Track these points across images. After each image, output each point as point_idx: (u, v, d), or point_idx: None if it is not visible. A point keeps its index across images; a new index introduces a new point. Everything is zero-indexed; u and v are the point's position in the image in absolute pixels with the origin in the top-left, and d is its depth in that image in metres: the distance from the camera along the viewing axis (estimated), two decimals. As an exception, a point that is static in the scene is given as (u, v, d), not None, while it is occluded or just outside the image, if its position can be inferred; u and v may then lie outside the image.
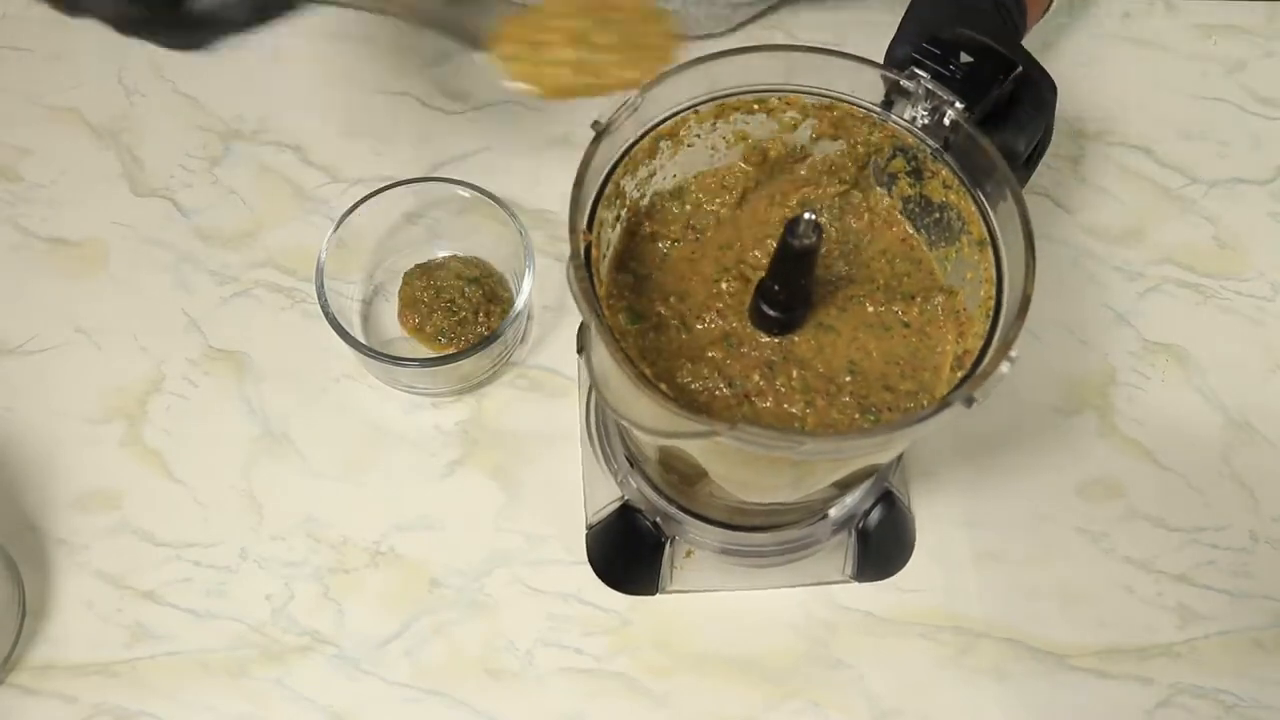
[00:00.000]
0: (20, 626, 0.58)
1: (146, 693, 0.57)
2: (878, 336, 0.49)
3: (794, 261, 0.44)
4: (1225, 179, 0.74)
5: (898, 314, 0.49)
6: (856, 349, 0.49)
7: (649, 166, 0.50)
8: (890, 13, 0.61)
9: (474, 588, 0.60)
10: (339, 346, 0.61)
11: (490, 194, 0.63)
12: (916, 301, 0.50)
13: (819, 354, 0.48)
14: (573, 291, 0.42)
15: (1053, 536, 0.63)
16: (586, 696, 0.58)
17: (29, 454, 0.62)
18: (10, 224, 0.69)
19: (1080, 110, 0.76)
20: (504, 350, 0.64)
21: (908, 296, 0.50)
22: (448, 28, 0.49)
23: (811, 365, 0.48)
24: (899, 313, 0.49)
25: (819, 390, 0.47)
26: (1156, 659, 0.60)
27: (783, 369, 0.47)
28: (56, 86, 0.73)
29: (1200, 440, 0.66)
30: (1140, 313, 0.69)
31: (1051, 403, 0.67)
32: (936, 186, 0.49)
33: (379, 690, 0.58)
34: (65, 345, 0.65)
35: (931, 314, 0.49)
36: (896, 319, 0.49)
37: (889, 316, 0.49)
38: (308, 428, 0.64)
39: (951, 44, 0.51)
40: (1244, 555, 0.63)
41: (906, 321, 0.49)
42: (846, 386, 0.47)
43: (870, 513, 0.59)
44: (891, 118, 0.49)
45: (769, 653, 0.60)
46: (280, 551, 0.61)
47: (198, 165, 0.71)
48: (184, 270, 0.68)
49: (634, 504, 0.59)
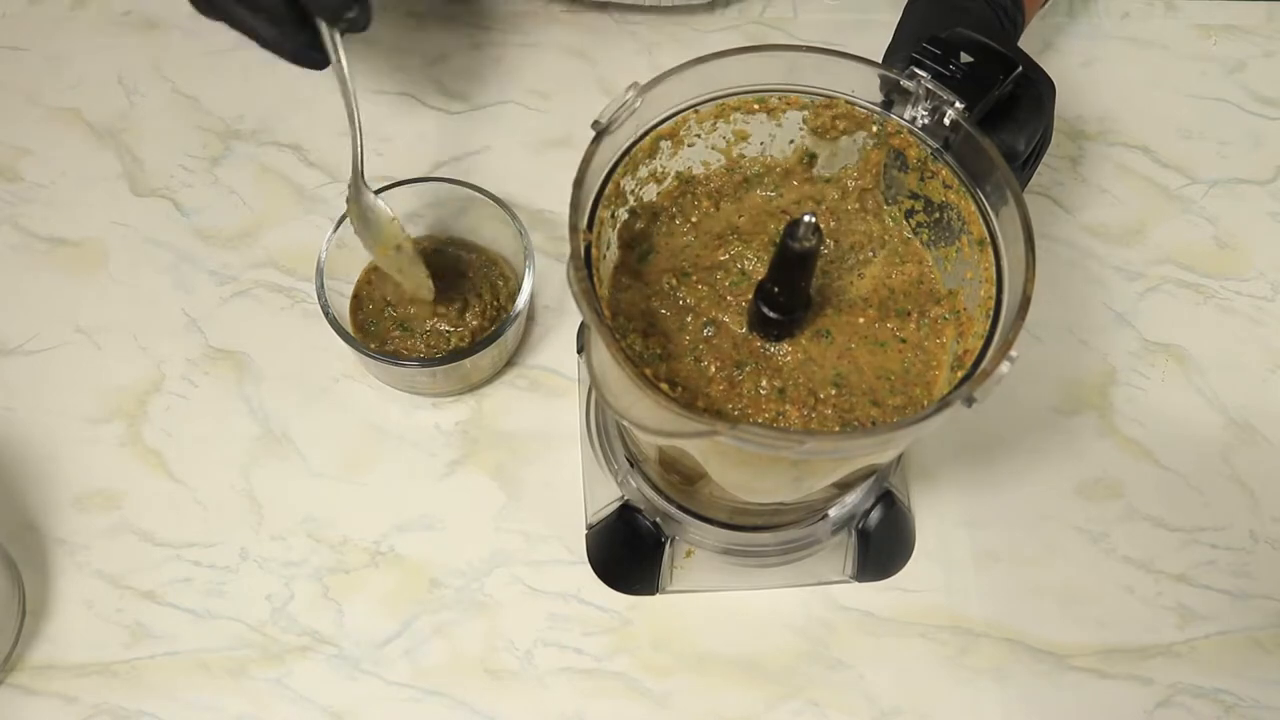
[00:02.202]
0: (20, 626, 0.58)
1: (146, 693, 0.57)
2: (871, 350, 0.49)
3: (793, 264, 0.44)
4: (1225, 179, 0.74)
5: (893, 330, 0.49)
6: (847, 362, 0.48)
7: (649, 166, 0.50)
8: (890, 12, 0.61)
9: (474, 588, 0.60)
10: (339, 346, 0.61)
11: (490, 194, 0.63)
12: (913, 317, 0.50)
13: (803, 365, 0.48)
14: (573, 291, 0.42)
15: (1053, 536, 0.63)
16: (586, 696, 0.58)
17: (29, 454, 0.62)
18: (10, 224, 0.69)
19: (1080, 110, 0.76)
20: (504, 350, 0.64)
21: (904, 313, 0.50)
22: None
23: (792, 375, 0.48)
24: (894, 329, 0.49)
25: (797, 401, 0.47)
26: (1156, 659, 0.60)
27: (752, 376, 0.47)
28: (56, 86, 0.73)
29: (1200, 440, 0.66)
30: (1140, 313, 0.69)
31: (1051, 403, 0.67)
32: (936, 186, 0.49)
33: (379, 690, 0.58)
34: (65, 345, 0.65)
35: (929, 329, 0.49)
36: (892, 334, 0.49)
37: (884, 332, 0.49)
38: (308, 428, 0.64)
39: (951, 44, 0.51)
40: (1244, 555, 0.63)
41: (903, 337, 0.49)
42: (831, 399, 0.47)
43: (870, 513, 0.59)
44: (891, 117, 0.49)
45: (769, 653, 0.60)
46: (280, 551, 0.61)
47: (198, 165, 0.71)
48: (184, 270, 0.68)
49: (634, 504, 0.59)
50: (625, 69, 0.76)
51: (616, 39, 0.77)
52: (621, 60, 0.76)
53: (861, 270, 0.51)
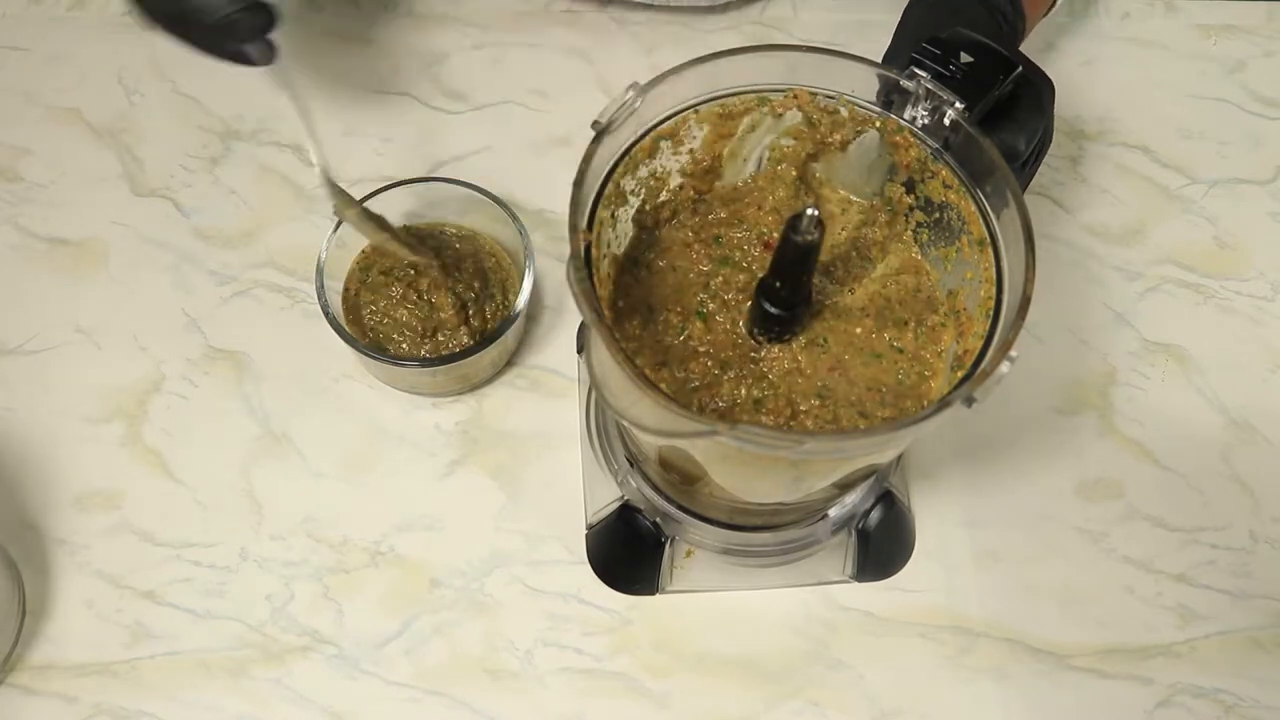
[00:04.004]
0: (20, 626, 0.58)
1: (146, 693, 0.57)
2: (866, 362, 0.49)
3: (795, 257, 0.44)
4: (1225, 179, 0.74)
5: (890, 340, 0.49)
6: (838, 375, 0.48)
7: (649, 166, 0.50)
8: (890, 12, 0.61)
9: (474, 588, 0.60)
10: (339, 346, 0.61)
11: (490, 194, 0.63)
12: (910, 326, 0.50)
13: (787, 376, 0.48)
14: (573, 291, 0.42)
15: (1053, 536, 0.63)
16: (586, 696, 0.58)
17: (29, 454, 0.62)
18: (10, 224, 0.69)
19: (1080, 110, 0.76)
20: (504, 350, 0.64)
21: (902, 322, 0.50)
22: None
23: (774, 385, 0.48)
24: (891, 339, 0.49)
25: (775, 411, 0.47)
26: (1156, 659, 0.60)
27: (731, 383, 0.47)
28: (56, 86, 0.73)
29: (1200, 440, 0.66)
30: (1140, 313, 0.69)
31: (1051, 403, 0.67)
32: (936, 186, 0.49)
33: (379, 690, 0.58)
34: (65, 345, 0.65)
35: (927, 337, 0.49)
36: (889, 345, 0.49)
37: (881, 343, 0.49)
38: (308, 428, 0.64)
39: (951, 44, 0.51)
40: (1244, 555, 0.63)
41: (900, 346, 0.49)
42: (813, 410, 0.47)
43: (870, 513, 0.59)
44: (892, 116, 0.49)
45: (769, 653, 0.60)
46: (280, 551, 0.61)
47: (198, 165, 0.71)
48: (184, 270, 0.68)
49: (634, 504, 0.59)
50: (625, 69, 0.76)
51: (616, 39, 0.77)
52: (621, 60, 0.76)
53: (858, 282, 0.51)
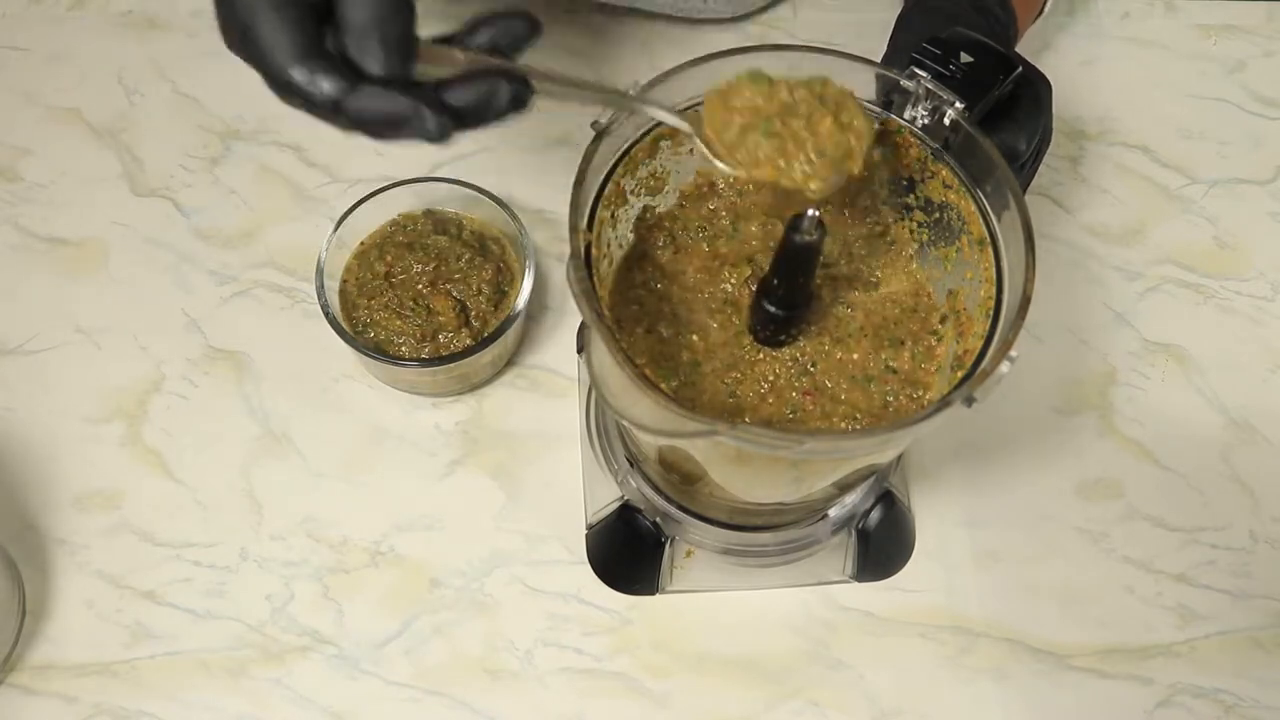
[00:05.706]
0: (20, 626, 0.58)
1: (146, 693, 0.57)
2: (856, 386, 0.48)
3: (796, 258, 0.44)
4: (1225, 179, 0.74)
5: (885, 360, 0.49)
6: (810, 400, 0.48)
7: (649, 166, 0.50)
8: (889, 12, 0.61)
9: (474, 588, 0.60)
10: (339, 346, 0.61)
11: (490, 194, 0.63)
12: (907, 345, 0.50)
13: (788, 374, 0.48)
14: (573, 291, 0.42)
15: (1053, 536, 0.63)
16: (586, 696, 0.58)
17: (29, 454, 0.62)
18: (10, 224, 0.69)
19: (1080, 110, 0.76)
20: (504, 350, 0.64)
21: (898, 342, 0.50)
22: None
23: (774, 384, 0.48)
24: (887, 359, 0.49)
25: (773, 410, 0.47)
26: (1156, 659, 0.60)
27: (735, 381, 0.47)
28: (56, 86, 0.73)
29: (1200, 440, 0.66)
30: (1140, 313, 0.69)
31: (1051, 403, 0.67)
32: (936, 186, 0.49)
33: (379, 690, 0.58)
34: (65, 345, 0.65)
35: (924, 354, 0.49)
36: (884, 365, 0.49)
37: (876, 364, 0.49)
38: (308, 428, 0.64)
39: (951, 44, 0.51)
40: (1244, 555, 0.63)
41: (895, 368, 0.49)
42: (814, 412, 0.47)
43: (870, 513, 0.59)
44: (892, 116, 0.49)
45: (769, 653, 0.60)
46: (280, 551, 0.61)
47: (198, 165, 0.71)
48: (184, 270, 0.68)
49: (634, 504, 0.59)
50: (625, 69, 0.76)
51: (616, 39, 0.77)
52: (621, 60, 0.76)
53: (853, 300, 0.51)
